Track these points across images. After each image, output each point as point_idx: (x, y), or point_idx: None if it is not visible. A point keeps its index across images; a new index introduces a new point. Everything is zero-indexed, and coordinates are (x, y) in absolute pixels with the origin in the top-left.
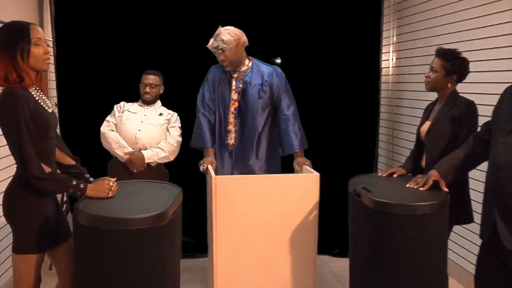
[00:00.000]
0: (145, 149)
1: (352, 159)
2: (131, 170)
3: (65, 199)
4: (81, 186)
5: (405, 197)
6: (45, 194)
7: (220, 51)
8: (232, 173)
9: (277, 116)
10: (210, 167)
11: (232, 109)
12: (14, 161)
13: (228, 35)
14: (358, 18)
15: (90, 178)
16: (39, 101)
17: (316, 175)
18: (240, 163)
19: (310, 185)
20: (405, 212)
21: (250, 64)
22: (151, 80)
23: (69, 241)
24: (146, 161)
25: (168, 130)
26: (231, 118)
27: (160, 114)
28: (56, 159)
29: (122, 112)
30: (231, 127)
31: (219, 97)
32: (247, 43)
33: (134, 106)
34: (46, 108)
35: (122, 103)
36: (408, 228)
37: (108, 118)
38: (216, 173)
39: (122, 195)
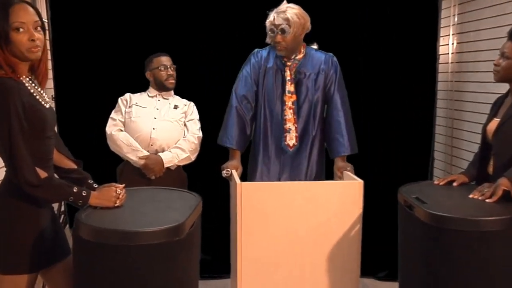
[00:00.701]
0: (162, 151)
1: (403, 164)
2: (148, 176)
3: (62, 209)
4: (83, 194)
5: (468, 210)
6: (39, 203)
7: (280, 32)
8: (279, 179)
9: (328, 112)
10: (234, 172)
11: (289, 103)
12: (3, 164)
13: (295, 17)
14: None
15: (94, 185)
16: (34, 94)
17: (359, 183)
18: (289, 167)
19: (353, 194)
20: (469, 228)
21: (304, 51)
22: (169, 61)
23: (67, 259)
24: (166, 165)
25: (185, 124)
26: (290, 115)
27: (175, 107)
28: (54, 162)
29: (130, 106)
30: (290, 125)
31: (267, 89)
32: (309, 29)
33: (143, 99)
34: (43, 102)
35: (127, 95)
36: (472, 248)
37: (113, 115)
38: (258, 177)
39: (131, 205)
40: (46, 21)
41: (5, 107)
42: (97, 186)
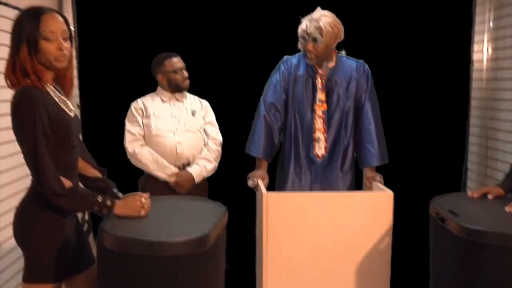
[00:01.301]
0: (188, 163)
1: (435, 175)
2: (177, 191)
3: (86, 217)
4: (108, 203)
5: (503, 224)
6: (64, 212)
7: (312, 40)
8: (311, 189)
9: (359, 120)
10: (260, 182)
11: (319, 112)
12: (29, 173)
13: (328, 26)
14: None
15: (118, 194)
16: (59, 102)
17: (389, 194)
18: (321, 178)
19: (382, 206)
20: (504, 243)
21: (335, 59)
22: (181, 63)
23: (91, 269)
24: (196, 180)
25: (204, 129)
26: (319, 124)
27: (193, 114)
28: (78, 171)
29: (147, 117)
30: (319, 134)
31: (297, 98)
32: (343, 37)
33: (157, 106)
34: (68, 111)
35: (140, 102)
36: (508, 263)
37: (131, 128)
38: (289, 187)
39: (156, 214)
40: (73, 29)
41: (30, 116)
42: (121, 195)
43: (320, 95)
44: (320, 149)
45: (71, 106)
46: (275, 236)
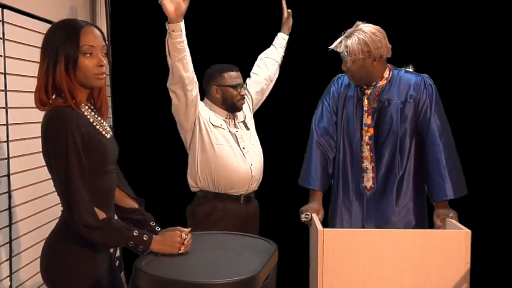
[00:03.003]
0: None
1: None
2: None
3: (118, 253)
4: (145, 238)
5: None
6: (97, 247)
7: (344, 60)
8: (362, 226)
9: (425, 148)
10: (315, 216)
11: (366, 138)
12: (59, 202)
13: (356, 44)
14: None
15: (156, 228)
16: (95, 123)
17: (466, 232)
18: (374, 212)
19: (458, 246)
20: None
21: (389, 75)
22: (240, 78)
23: None
24: None
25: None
26: (366, 152)
27: (246, 126)
28: (114, 201)
29: (205, 127)
30: (367, 164)
31: (347, 120)
32: (388, 55)
33: (217, 120)
34: (104, 132)
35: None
36: None
37: None
38: (338, 223)
39: (197, 252)
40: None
41: (63, 139)
42: (159, 229)
43: (366, 119)
44: (368, 181)
45: (108, 128)
46: (331, 276)
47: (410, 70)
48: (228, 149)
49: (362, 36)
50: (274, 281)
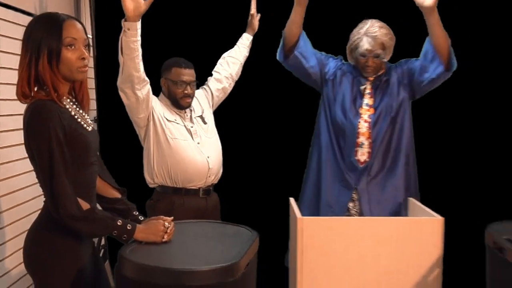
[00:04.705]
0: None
1: (490, 198)
2: None
3: (102, 242)
4: (128, 227)
5: None
6: (80, 238)
7: (374, 57)
8: (351, 199)
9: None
10: (294, 204)
11: (365, 116)
12: (42, 193)
13: (390, 40)
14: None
15: (139, 217)
16: (76, 116)
17: (439, 220)
18: (367, 186)
19: (431, 233)
20: None
21: (385, 65)
22: (190, 77)
23: None
24: None
25: (212, 95)
26: (364, 128)
27: (204, 121)
28: (96, 191)
29: (159, 122)
30: (363, 140)
31: (343, 93)
32: None
33: (171, 115)
34: (85, 125)
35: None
36: None
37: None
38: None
39: (180, 240)
40: (90, 37)
41: (45, 133)
42: (143, 218)
43: (369, 100)
44: (363, 155)
45: (89, 120)
46: (311, 266)
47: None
48: (184, 142)
49: (388, 31)
50: (255, 268)
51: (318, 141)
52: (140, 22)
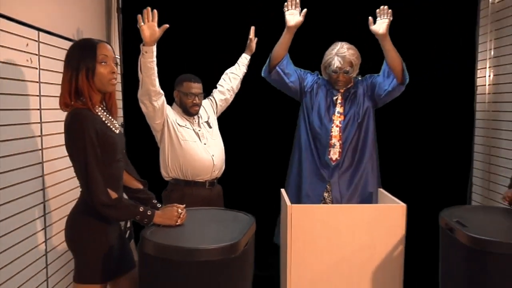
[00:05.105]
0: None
1: (444, 188)
2: None
3: (128, 225)
4: (148, 213)
5: (509, 234)
6: (109, 221)
7: (344, 73)
8: (326, 189)
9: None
10: (284, 193)
11: (337, 122)
12: (79, 184)
13: (356, 59)
14: (449, 29)
15: (157, 204)
16: (106, 121)
17: (402, 206)
18: (338, 179)
19: (396, 217)
20: (509, 252)
21: (353, 79)
22: (198, 89)
23: (132, 271)
24: None
25: (216, 104)
26: (336, 132)
27: (209, 125)
28: (123, 183)
29: (172, 127)
30: (335, 141)
31: (319, 102)
32: None
33: (182, 121)
34: (113, 129)
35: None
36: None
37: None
38: (304, 194)
39: (191, 224)
40: (118, 57)
41: (81, 135)
42: (160, 205)
43: (340, 109)
44: (334, 154)
45: (117, 125)
46: (299, 245)
47: (359, 78)
48: (193, 144)
49: (355, 52)
50: (252, 247)
51: (299, 142)
52: (155, 46)
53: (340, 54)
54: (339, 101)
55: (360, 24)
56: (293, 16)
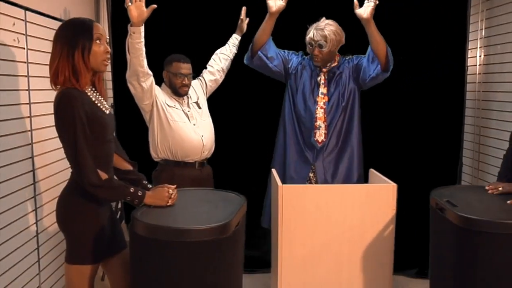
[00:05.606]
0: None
1: (434, 169)
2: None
3: (119, 206)
4: (139, 194)
5: (497, 214)
6: (100, 201)
7: (318, 46)
8: (312, 170)
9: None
10: (275, 173)
11: (321, 103)
12: (69, 165)
13: (333, 34)
14: (440, 9)
15: (148, 185)
16: (96, 102)
17: (393, 186)
18: (322, 160)
19: (386, 197)
20: (497, 230)
21: (338, 60)
22: (187, 70)
23: (124, 252)
24: None
25: (206, 84)
26: (320, 113)
27: (199, 106)
28: (113, 164)
29: (161, 107)
30: (320, 123)
31: (304, 83)
32: (344, 43)
33: (171, 102)
34: (104, 109)
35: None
36: (500, 250)
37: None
38: (288, 176)
39: (182, 204)
40: (108, 37)
41: (70, 116)
42: (151, 186)
43: (323, 89)
44: (320, 136)
45: (107, 105)
46: (289, 225)
47: (349, 57)
48: (182, 124)
49: (334, 28)
50: (243, 228)
51: (284, 124)
52: (143, 26)
53: (319, 27)
54: (322, 81)
55: (347, 6)
56: (275, 1)
